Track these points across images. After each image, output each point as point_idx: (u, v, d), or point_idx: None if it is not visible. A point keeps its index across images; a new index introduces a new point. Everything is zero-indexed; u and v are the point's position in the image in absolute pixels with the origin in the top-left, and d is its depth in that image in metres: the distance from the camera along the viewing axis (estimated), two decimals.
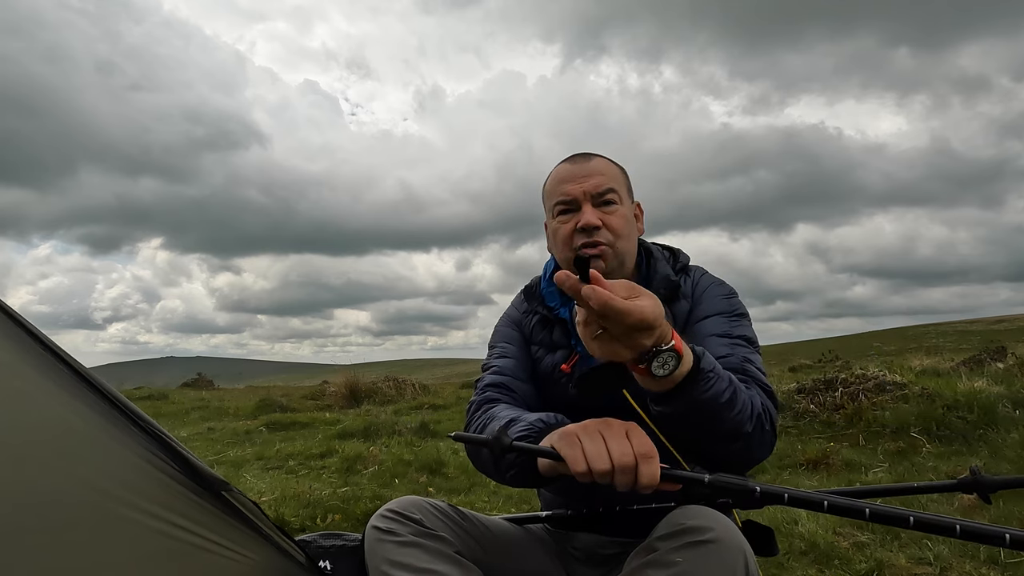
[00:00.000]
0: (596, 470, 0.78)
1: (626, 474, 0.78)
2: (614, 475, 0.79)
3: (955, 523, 0.75)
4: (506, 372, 1.21)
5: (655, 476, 0.78)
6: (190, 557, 0.90)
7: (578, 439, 0.81)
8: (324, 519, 2.74)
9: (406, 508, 1.00)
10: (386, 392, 7.87)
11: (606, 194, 1.16)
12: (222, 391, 11.69)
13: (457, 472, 3.76)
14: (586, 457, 0.79)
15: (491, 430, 0.99)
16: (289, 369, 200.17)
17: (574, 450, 0.80)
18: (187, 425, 6.37)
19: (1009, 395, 3.88)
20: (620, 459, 0.78)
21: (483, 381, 1.22)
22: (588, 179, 1.16)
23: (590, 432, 0.82)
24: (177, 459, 0.96)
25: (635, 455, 0.78)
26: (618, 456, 0.78)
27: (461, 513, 1.08)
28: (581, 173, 1.17)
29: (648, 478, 0.78)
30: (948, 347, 13.14)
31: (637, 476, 0.78)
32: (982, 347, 7.58)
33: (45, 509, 0.79)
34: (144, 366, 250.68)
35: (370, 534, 0.99)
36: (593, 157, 1.21)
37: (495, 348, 1.28)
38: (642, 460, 0.78)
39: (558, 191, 1.19)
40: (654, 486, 0.78)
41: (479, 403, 1.16)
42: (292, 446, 4.67)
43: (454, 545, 0.99)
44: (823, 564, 2.09)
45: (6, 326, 0.94)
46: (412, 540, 0.96)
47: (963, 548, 2.11)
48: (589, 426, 0.83)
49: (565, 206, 1.17)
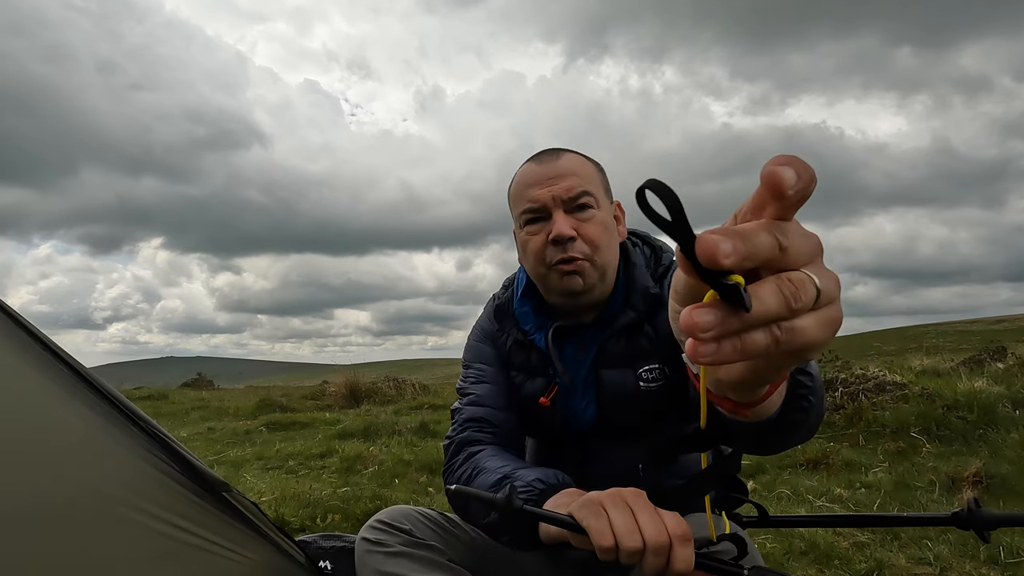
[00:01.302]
0: (625, 547, 0.66)
1: (659, 556, 0.66)
2: (644, 555, 0.67)
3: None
4: (485, 403, 1.10)
5: (690, 562, 0.67)
6: (190, 557, 0.90)
7: (604, 509, 0.69)
8: (324, 519, 2.74)
9: (395, 518, 0.99)
10: (386, 392, 7.87)
11: (579, 198, 1.01)
12: (222, 391, 11.69)
13: None
14: (614, 531, 0.67)
15: (482, 484, 0.93)
16: (289, 369, 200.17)
17: (600, 522, 0.68)
18: (187, 425, 6.36)
19: (1009, 395, 3.88)
20: (654, 538, 0.66)
21: (462, 415, 1.11)
22: (558, 181, 1.01)
23: (617, 503, 0.70)
24: (177, 459, 0.96)
25: (670, 535, 0.67)
26: (652, 535, 0.67)
27: (452, 521, 1.06)
28: (549, 174, 1.02)
29: (684, 563, 0.66)
30: (948, 347, 13.13)
31: (670, 560, 0.67)
32: (982, 347, 7.58)
33: (45, 509, 0.79)
34: (144, 366, 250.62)
35: (360, 546, 0.98)
36: (562, 154, 1.05)
37: (471, 369, 1.17)
38: (677, 542, 0.67)
39: (524, 196, 1.04)
40: (688, 573, 0.67)
41: (460, 444, 1.07)
42: (292, 446, 4.67)
43: (445, 554, 0.98)
44: (823, 564, 2.09)
45: (6, 326, 0.94)
46: (402, 551, 0.95)
47: (963, 548, 2.11)
48: (616, 496, 0.71)
49: (533, 214, 1.03)
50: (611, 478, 1.07)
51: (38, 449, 0.84)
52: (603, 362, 1.08)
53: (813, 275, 0.38)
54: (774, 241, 0.36)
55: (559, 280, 1.03)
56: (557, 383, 1.09)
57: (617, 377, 1.07)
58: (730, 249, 0.34)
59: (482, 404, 1.10)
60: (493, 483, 0.92)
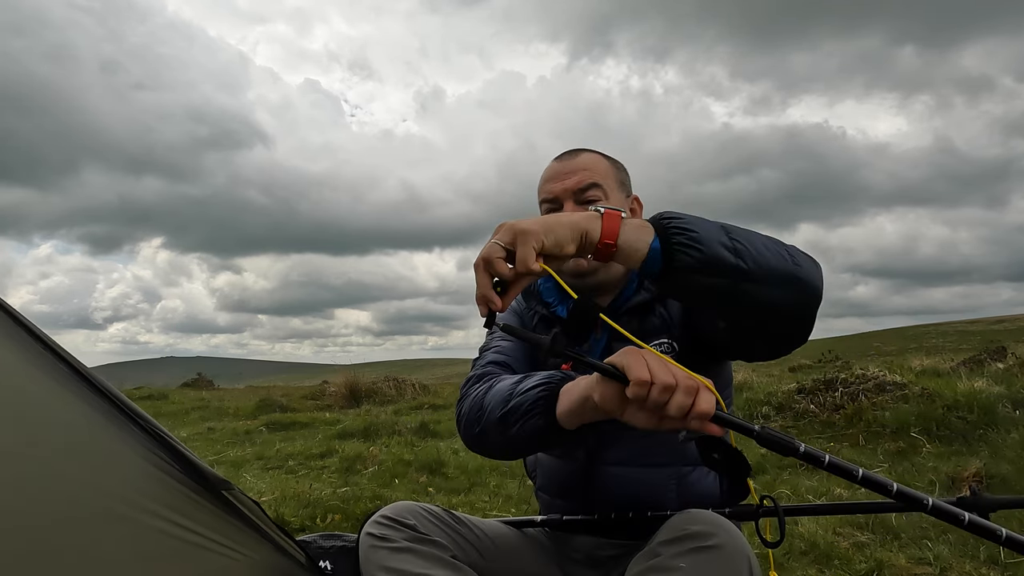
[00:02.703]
0: (660, 381, 0.74)
1: (688, 395, 0.75)
2: (675, 392, 0.75)
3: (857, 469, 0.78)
4: (508, 353, 1.19)
5: (712, 405, 0.76)
6: (190, 556, 0.90)
7: (641, 356, 0.77)
8: (324, 519, 2.74)
9: (400, 514, 1.00)
10: (386, 392, 7.87)
11: (588, 190, 1.13)
12: (222, 391, 11.69)
13: (457, 472, 3.76)
14: (650, 368, 0.75)
15: (498, 392, 1.00)
16: (289, 369, 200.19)
17: (638, 360, 0.77)
18: (187, 425, 6.37)
19: (1009, 395, 3.88)
20: (686, 380, 0.75)
21: (483, 359, 1.19)
22: (571, 176, 1.14)
23: (651, 355, 0.79)
24: (178, 458, 0.97)
25: (699, 382, 0.76)
26: (683, 377, 0.76)
27: (456, 517, 1.08)
28: (565, 170, 1.15)
29: (706, 404, 0.75)
30: (948, 347, 13.12)
31: (696, 400, 0.75)
32: (982, 347, 7.58)
33: (46, 508, 0.79)
34: (144, 366, 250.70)
35: (364, 541, 0.98)
36: (581, 153, 1.18)
37: (495, 333, 1.24)
38: (702, 388, 0.76)
39: (543, 189, 1.17)
40: (707, 416, 0.75)
41: (478, 376, 1.14)
42: (292, 446, 4.67)
43: (449, 550, 0.99)
44: (823, 564, 2.09)
45: (7, 326, 0.94)
46: (406, 546, 0.95)
47: (963, 548, 2.11)
48: (649, 351, 0.80)
49: (550, 205, 1.16)
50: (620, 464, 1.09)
51: (39, 448, 0.85)
52: (617, 336, 1.11)
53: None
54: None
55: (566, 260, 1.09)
56: None
57: None
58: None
59: (505, 353, 1.19)
60: (509, 387, 0.99)
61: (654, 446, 1.08)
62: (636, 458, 1.10)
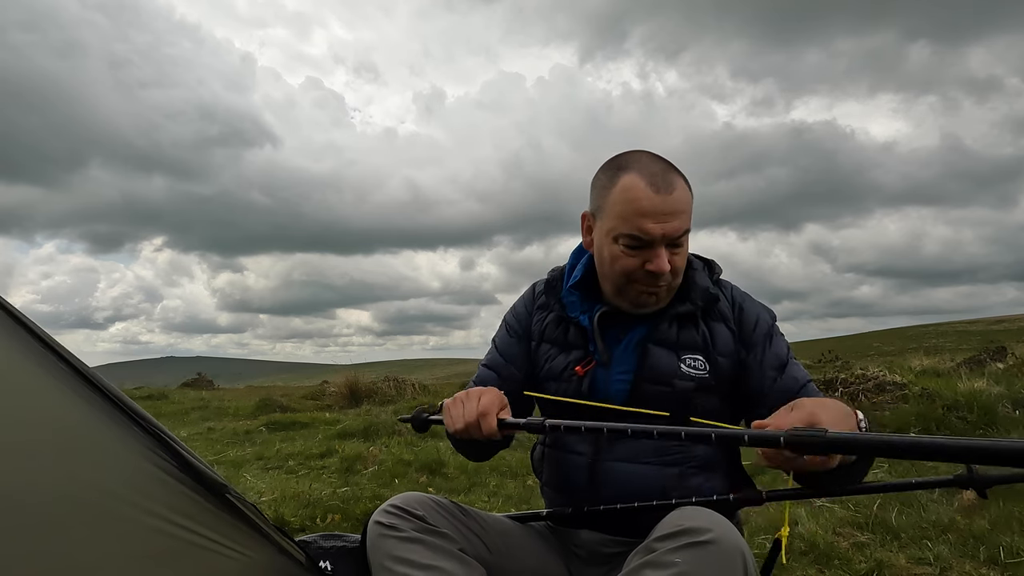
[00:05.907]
0: (455, 429, 1.04)
1: (473, 429, 1.02)
2: (468, 428, 1.02)
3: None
4: (496, 362, 1.29)
5: (492, 428, 1.01)
6: (190, 556, 0.90)
7: (449, 406, 1.06)
8: (324, 519, 2.74)
9: (409, 504, 1.01)
10: (386, 392, 7.87)
11: (681, 236, 1.07)
12: (222, 391, 11.69)
13: (457, 472, 3.76)
14: (452, 416, 1.05)
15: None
16: (289, 369, 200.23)
17: (447, 414, 1.06)
18: (187, 425, 6.36)
19: (1009, 395, 3.88)
20: (467, 418, 1.02)
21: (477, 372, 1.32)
22: (671, 220, 1.04)
23: (457, 399, 1.06)
24: (178, 459, 0.97)
25: (477, 414, 1.01)
26: (469, 414, 1.02)
27: (464, 510, 1.09)
28: (665, 210, 1.04)
29: (487, 429, 1.01)
30: (948, 347, 13.14)
31: (481, 427, 1.01)
32: (982, 347, 7.58)
33: (46, 507, 0.79)
34: (144, 366, 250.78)
35: (372, 529, 0.99)
36: (676, 184, 1.06)
37: (494, 342, 1.33)
38: (481, 417, 1.01)
39: (635, 225, 1.05)
40: (493, 435, 1.01)
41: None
42: (292, 446, 4.67)
43: (457, 542, 1.00)
44: (823, 564, 2.09)
45: (8, 325, 0.94)
46: (415, 536, 0.96)
47: (963, 548, 2.11)
48: (459, 394, 1.07)
49: (638, 242, 1.06)
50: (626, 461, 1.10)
51: (39, 447, 0.85)
52: (651, 338, 1.14)
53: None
54: None
55: (637, 296, 1.13)
56: (595, 359, 1.16)
57: (663, 355, 1.13)
58: None
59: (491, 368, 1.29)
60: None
61: (660, 443, 1.09)
62: (641, 455, 1.11)
